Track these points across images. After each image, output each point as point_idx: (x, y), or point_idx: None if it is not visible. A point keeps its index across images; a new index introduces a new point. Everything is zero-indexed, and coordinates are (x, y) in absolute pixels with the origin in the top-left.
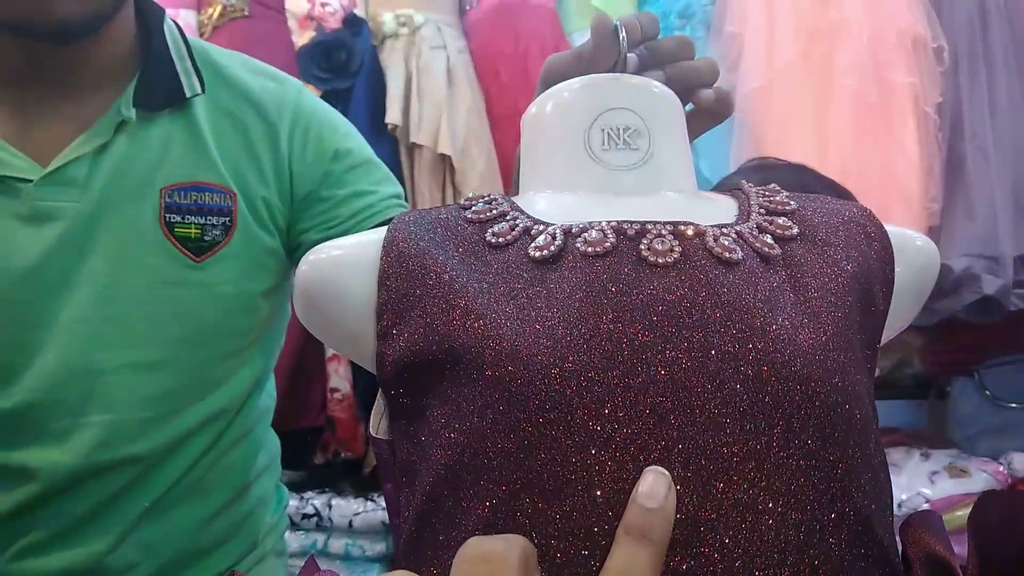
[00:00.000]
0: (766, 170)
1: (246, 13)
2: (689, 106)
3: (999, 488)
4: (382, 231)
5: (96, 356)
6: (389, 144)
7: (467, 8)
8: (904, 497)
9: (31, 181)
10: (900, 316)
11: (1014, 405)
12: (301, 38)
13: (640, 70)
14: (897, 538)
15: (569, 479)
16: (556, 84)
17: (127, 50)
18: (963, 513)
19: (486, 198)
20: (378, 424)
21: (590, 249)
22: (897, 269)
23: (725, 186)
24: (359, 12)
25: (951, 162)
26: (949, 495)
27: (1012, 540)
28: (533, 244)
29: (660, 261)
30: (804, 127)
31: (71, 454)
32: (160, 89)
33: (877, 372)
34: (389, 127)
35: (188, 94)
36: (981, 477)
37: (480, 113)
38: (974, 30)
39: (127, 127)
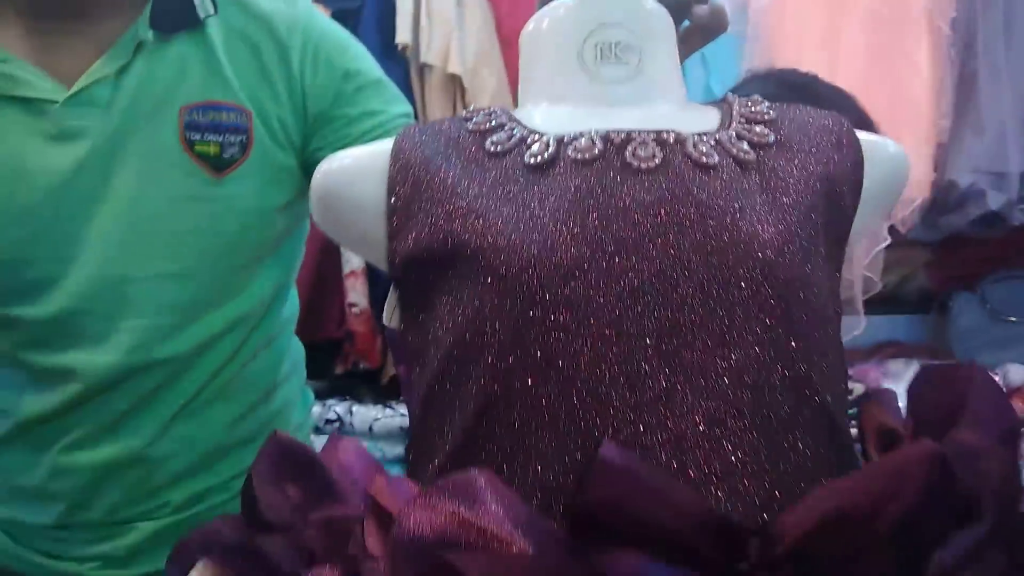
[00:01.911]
0: (773, 78)
1: None
2: (685, 23)
3: None
4: (389, 142)
5: (126, 267)
6: (399, 64)
7: None
8: (902, 404)
9: (57, 102)
10: (870, 217)
11: (1014, 319)
12: None
13: None
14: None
15: (556, 356)
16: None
17: None
18: None
19: (486, 111)
20: (391, 316)
21: (580, 156)
22: (867, 172)
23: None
24: None
25: (963, 79)
26: None
27: (941, 405)
28: (528, 152)
29: (643, 166)
30: (816, 42)
31: (108, 356)
32: (175, 11)
33: (881, 287)
34: (399, 47)
35: (202, 16)
36: None
37: (491, 33)
38: None
39: (145, 49)
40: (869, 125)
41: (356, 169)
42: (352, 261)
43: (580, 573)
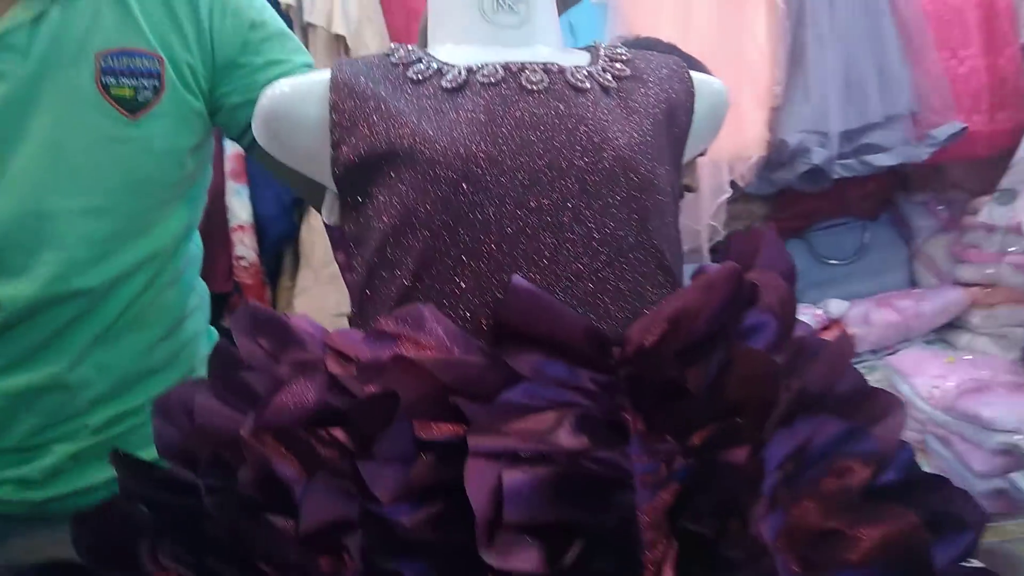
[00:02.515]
0: (640, 44)
1: None
2: None
3: (818, 328)
4: (326, 72)
5: (47, 202)
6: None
7: None
8: None
9: None
10: (700, 137)
11: (834, 262)
12: None
13: None
14: None
15: (474, 227)
16: None
17: None
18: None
19: (404, 48)
20: (330, 215)
21: (486, 80)
22: (697, 101)
23: None
24: None
25: (795, 50)
26: None
27: (745, 254)
28: (444, 79)
29: (535, 88)
30: (670, 16)
31: (28, 287)
32: None
33: (724, 235)
34: (283, 6)
35: None
36: (803, 318)
37: None
38: None
39: None
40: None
41: (299, 94)
42: (240, 215)
43: (496, 371)
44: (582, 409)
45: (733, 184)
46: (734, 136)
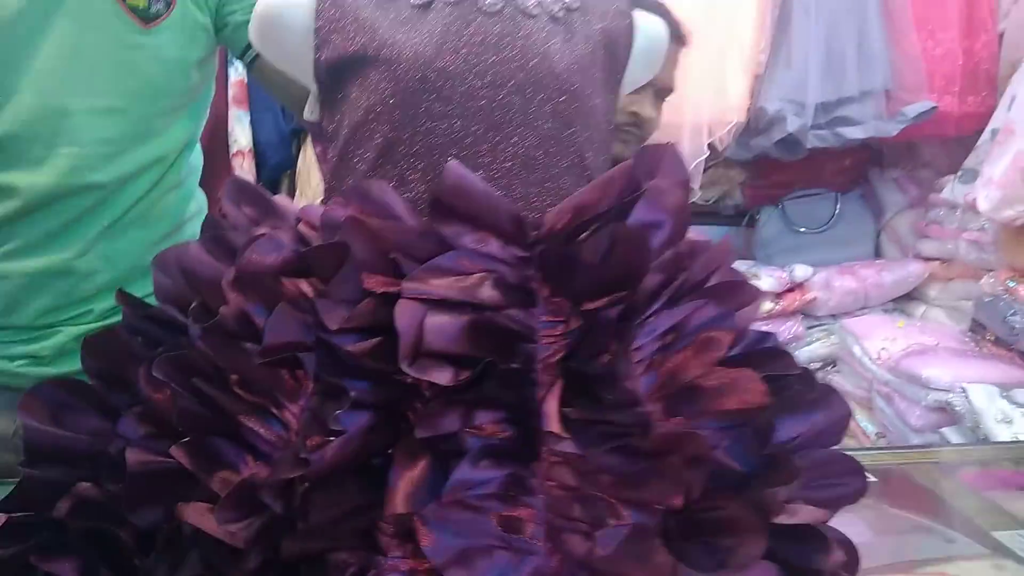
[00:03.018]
0: None
1: None
2: None
3: (781, 290)
4: None
5: (65, 99)
6: None
7: None
8: None
9: None
10: (638, 71)
11: (803, 230)
12: None
13: None
14: None
15: (431, 119)
16: None
17: None
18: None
19: None
20: (311, 113)
21: (450, 0)
22: (637, 36)
23: None
24: None
25: (781, 19)
26: None
27: (649, 167)
28: None
29: (490, 10)
30: None
31: (46, 177)
32: None
33: (702, 200)
34: None
35: None
36: (768, 280)
37: None
38: None
39: None
40: (680, 29)
41: (289, 2)
42: (240, 141)
43: (431, 239)
44: (500, 275)
45: (711, 147)
46: (717, 101)
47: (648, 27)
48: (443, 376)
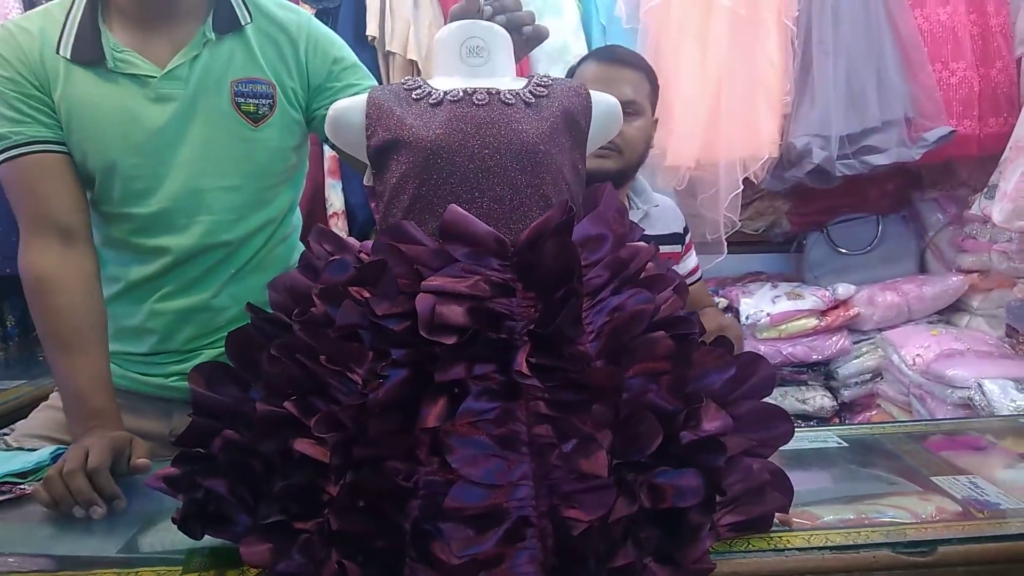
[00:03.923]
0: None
1: None
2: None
3: (825, 307)
4: (365, 94)
5: (201, 181)
6: (370, 52)
7: None
8: (751, 312)
9: (155, 77)
10: (598, 136)
11: (844, 251)
12: None
13: (490, 17)
14: None
15: (442, 183)
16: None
17: None
18: (796, 323)
19: (412, 79)
20: (368, 180)
21: (453, 99)
22: (594, 109)
23: (572, 71)
24: None
25: (803, 64)
26: (786, 311)
27: (594, 202)
28: (431, 98)
29: (480, 103)
30: (691, 36)
31: (189, 239)
32: (226, 19)
33: (751, 230)
34: (369, 38)
35: (243, 23)
36: (811, 299)
37: (440, 26)
38: None
39: (209, 44)
40: (654, 75)
41: (350, 107)
42: (335, 204)
43: (441, 255)
44: (488, 277)
45: (747, 180)
46: (749, 139)
47: (602, 102)
48: (448, 339)
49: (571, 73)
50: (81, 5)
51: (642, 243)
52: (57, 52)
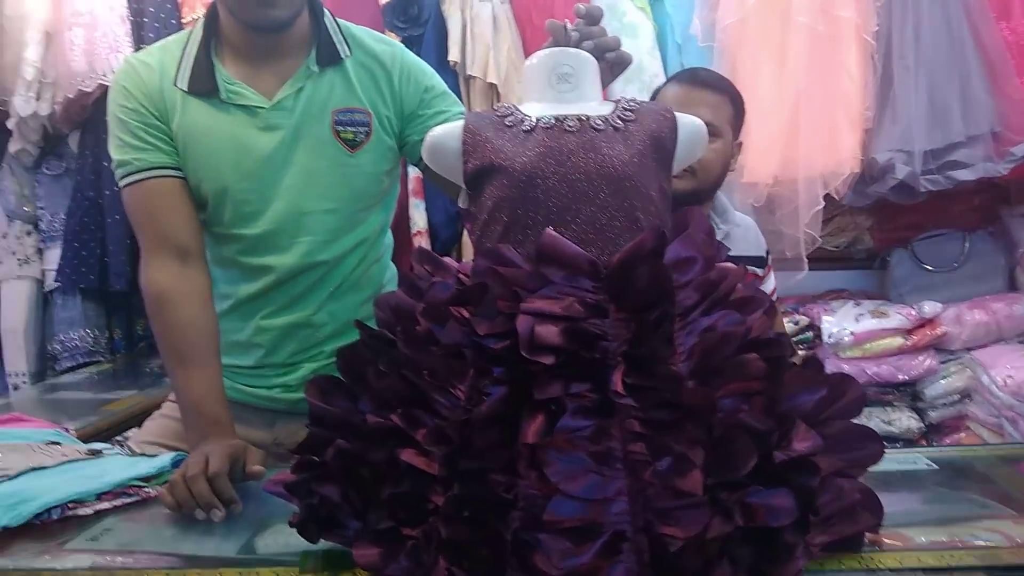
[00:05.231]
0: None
1: None
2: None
3: (911, 326)
4: (462, 120)
5: (303, 204)
6: (451, 76)
7: None
8: (834, 330)
9: (264, 108)
10: (683, 157)
11: (930, 268)
12: None
13: (577, 43)
14: None
15: (537, 207)
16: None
17: (306, 31)
18: (880, 342)
19: (505, 106)
20: (463, 202)
21: (545, 125)
22: (680, 131)
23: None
24: None
25: (884, 78)
26: (870, 329)
27: (683, 225)
28: (523, 125)
29: (570, 130)
30: (770, 53)
31: (291, 259)
32: (328, 54)
33: (832, 247)
34: (451, 63)
35: (342, 56)
36: (897, 318)
37: (518, 50)
38: None
39: (312, 76)
40: (739, 98)
41: (446, 134)
42: (418, 223)
43: (538, 277)
44: (582, 298)
45: (828, 197)
46: (829, 155)
47: (687, 124)
48: (547, 359)
49: (655, 95)
50: (196, 41)
51: (731, 264)
52: (175, 84)
